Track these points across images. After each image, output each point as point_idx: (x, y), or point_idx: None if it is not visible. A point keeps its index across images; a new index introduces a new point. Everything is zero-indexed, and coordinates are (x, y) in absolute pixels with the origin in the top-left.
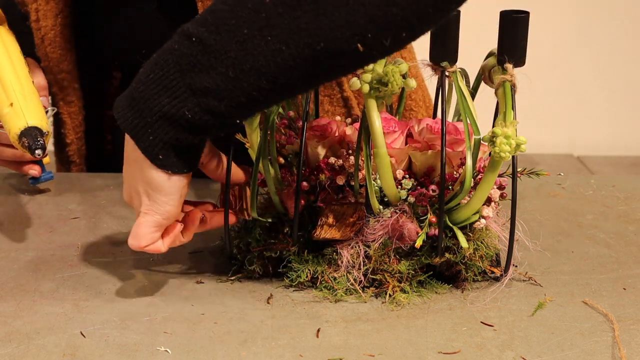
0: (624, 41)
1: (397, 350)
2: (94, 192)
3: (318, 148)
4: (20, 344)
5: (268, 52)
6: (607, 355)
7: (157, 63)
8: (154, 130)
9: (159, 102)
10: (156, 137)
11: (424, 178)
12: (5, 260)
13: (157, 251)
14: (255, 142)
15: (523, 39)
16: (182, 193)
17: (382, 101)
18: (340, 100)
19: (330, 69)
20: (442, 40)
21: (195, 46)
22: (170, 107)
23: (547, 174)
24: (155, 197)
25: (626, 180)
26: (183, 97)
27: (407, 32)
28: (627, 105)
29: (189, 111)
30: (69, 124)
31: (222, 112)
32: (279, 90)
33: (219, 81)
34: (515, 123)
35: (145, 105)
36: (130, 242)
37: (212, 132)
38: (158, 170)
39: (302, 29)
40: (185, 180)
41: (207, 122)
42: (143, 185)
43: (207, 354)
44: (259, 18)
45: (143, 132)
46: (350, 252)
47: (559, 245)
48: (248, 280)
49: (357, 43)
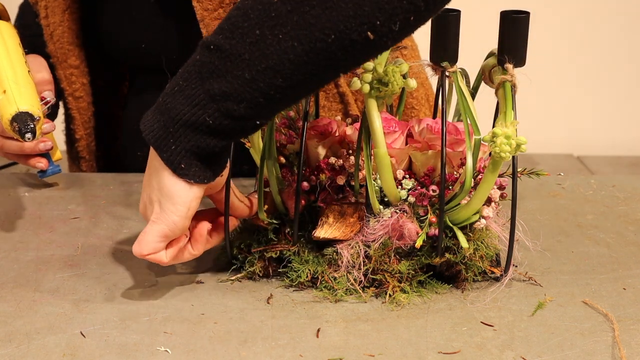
0: (624, 41)
1: (397, 350)
2: (94, 192)
3: (318, 148)
4: (20, 344)
5: (281, 50)
6: (607, 355)
7: (181, 75)
8: (176, 139)
9: (180, 111)
10: (178, 145)
11: (424, 178)
12: (5, 260)
13: (159, 261)
14: (256, 142)
15: (523, 39)
16: (191, 206)
17: (383, 101)
18: (336, 96)
19: (344, 61)
20: (443, 41)
21: (214, 53)
22: (191, 115)
23: (548, 174)
24: (165, 206)
25: (626, 180)
26: (203, 104)
27: (414, 15)
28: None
29: (210, 117)
30: (78, 120)
31: (242, 115)
32: (295, 87)
33: (237, 84)
34: (515, 123)
35: (169, 116)
36: (134, 248)
37: (235, 137)
38: (179, 179)
39: (312, 23)
40: (200, 193)
41: (227, 126)
42: (157, 194)
43: (207, 354)
44: (269, 17)
45: (165, 143)
46: (351, 252)
47: (559, 245)
48: (248, 280)
49: (367, 31)
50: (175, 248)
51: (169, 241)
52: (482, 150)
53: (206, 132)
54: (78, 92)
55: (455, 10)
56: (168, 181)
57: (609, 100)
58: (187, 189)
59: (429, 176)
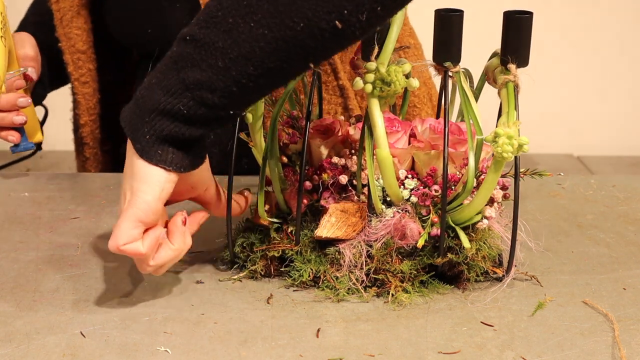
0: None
1: (397, 350)
2: (94, 192)
3: (321, 147)
4: (20, 344)
5: (252, 37)
6: (607, 355)
7: (158, 69)
8: (151, 128)
9: (156, 101)
10: (153, 134)
11: (426, 178)
12: (5, 260)
13: (137, 253)
14: (259, 141)
15: (526, 39)
16: (165, 187)
17: (385, 101)
18: (336, 89)
19: (313, 50)
20: (446, 41)
21: (189, 44)
22: (167, 104)
23: (550, 174)
24: (137, 188)
25: (626, 180)
26: (178, 93)
27: (381, 6)
28: (627, 105)
29: (184, 106)
30: (83, 105)
31: (215, 103)
32: (267, 76)
33: (210, 73)
34: (518, 123)
35: (145, 107)
36: (109, 243)
37: (210, 126)
38: (154, 166)
39: (281, 11)
40: (175, 178)
41: (202, 115)
42: (131, 181)
43: (207, 354)
44: (241, 6)
45: (141, 133)
46: (353, 251)
47: (559, 245)
48: (248, 280)
49: (336, 20)
50: (152, 237)
51: (145, 229)
52: (484, 151)
53: (181, 121)
54: (84, 77)
55: (459, 10)
56: (143, 167)
57: (609, 100)
58: (162, 172)
59: (431, 176)
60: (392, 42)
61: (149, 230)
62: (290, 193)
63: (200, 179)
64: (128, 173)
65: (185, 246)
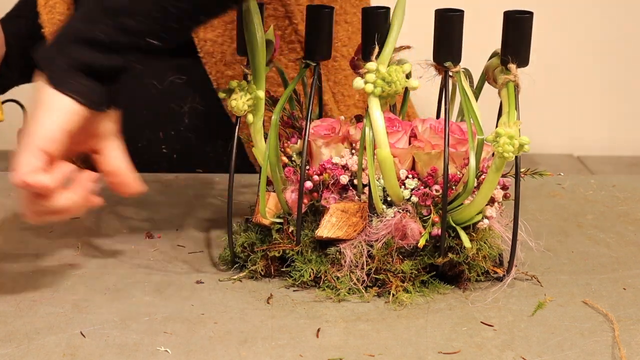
0: (625, 41)
1: (397, 350)
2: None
3: (322, 147)
4: (20, 344)
5: None
6: (607, 355)
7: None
8: (67, 56)
9: (75, 29)
10: (68, 62)
11: (427, 178)
12: (5, 261)
13: (43, 186)
14: (259, 141)
15: (527, 39)
16: (69, 118)
17: (386, 101)
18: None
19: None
20: (446, 40)
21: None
22: (86, 32)
23: (550, 174)
24: (39, 116)
25: (626, 180)
26: (97, 20)
27: None
28: (627, 105)
29: (102, 32)
30: None
31: (134, 29)
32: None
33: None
34: (518, 123)
35: (62, 38)
36: (13, 178)
37: (126, 54)
38: (62, 94)
39: None
40: (83, 112)
41: (121, 43)
42: (34, 113)
43: (207, 354)
44: None
45: (55, 63)
46: (354, 251)
47: (559, 245)
48: (248, 280)
49: None
50: (59, 172)
51: (48, 159)
52: (485, 150)
53: (99, 50)
54: None
55: (459, 10)
56: (51, 95)
57: (609, 100)
58: (70, 101)
59: (432, 176)
60: (392, 42)
61: (56, 166)
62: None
63: (106, 130)
64: (36, 105)
65: (83, 202)
